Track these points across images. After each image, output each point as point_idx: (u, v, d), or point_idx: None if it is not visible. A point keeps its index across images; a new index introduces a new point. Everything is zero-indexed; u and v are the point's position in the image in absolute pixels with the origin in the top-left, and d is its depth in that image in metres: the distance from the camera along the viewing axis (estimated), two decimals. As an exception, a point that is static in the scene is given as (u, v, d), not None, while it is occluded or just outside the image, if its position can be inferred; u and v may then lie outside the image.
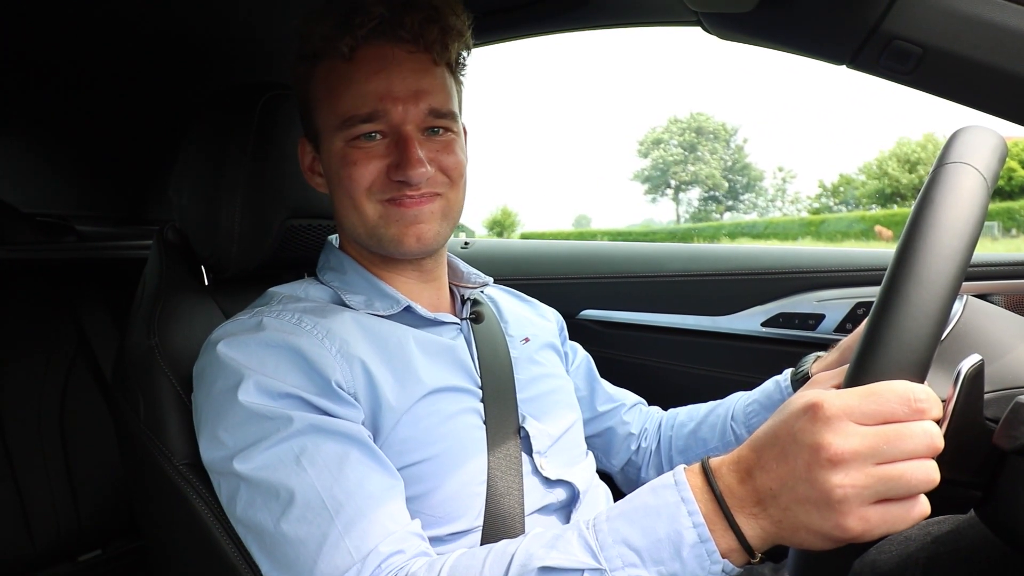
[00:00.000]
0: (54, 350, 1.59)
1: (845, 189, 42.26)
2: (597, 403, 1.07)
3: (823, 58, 0.85)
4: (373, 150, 0.79)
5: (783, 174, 47.65)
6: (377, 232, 0.81)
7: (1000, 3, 0.72)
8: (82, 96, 1.53)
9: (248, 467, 0.67)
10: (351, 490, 0.66)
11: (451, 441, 0.77)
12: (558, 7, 1.10)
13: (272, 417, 0.68)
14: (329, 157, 0.81)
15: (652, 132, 46.07)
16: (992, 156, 0.58)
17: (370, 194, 0.79)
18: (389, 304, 0.83)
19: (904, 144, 38.87)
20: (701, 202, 46.76)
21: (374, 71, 0.78)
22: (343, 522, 0.64)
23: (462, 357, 0.84)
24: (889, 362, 0.52)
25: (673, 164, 45.17)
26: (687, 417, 1.05)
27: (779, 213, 45.64)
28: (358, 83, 0.78)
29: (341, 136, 0.79)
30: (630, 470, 1.07)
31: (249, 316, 0.78)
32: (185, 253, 0.97)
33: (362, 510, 0.65)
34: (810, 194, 47.77)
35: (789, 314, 1.26)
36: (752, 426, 0.96)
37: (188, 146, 0.95)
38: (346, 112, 0.78)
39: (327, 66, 0.80)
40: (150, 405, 0.84)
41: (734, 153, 45.72)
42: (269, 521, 0.65)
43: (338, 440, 0.68)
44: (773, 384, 0.96)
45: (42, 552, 1.51)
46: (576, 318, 1.46)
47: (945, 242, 0.53)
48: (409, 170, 0.76)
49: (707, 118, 44.93)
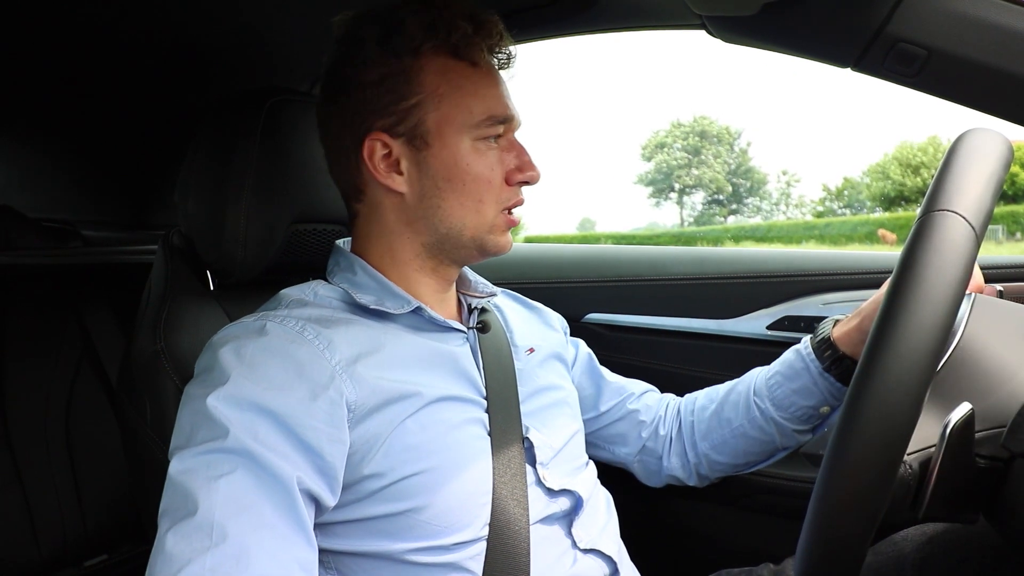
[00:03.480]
0: (60, 355, 1.59)
1: (850, 193, 42.37)
2: (604, 398, 1.07)
3: (827, 61, 0.85)
4: (498, 155, 0.83)
5: (787, 177, 47.87)
6: (484, 236, 0.83)
7: (1005, 5, 0.72)
8: (88, 102, 1.54)
9: (177, 467, 0.64)
10: (242, 531, 0.60)
11: (455, 451, 0.76)
12: (563, 11, 1.11)
13: (222, 425, 0.65)
14: (453, 155, 0.80)
15: (656, 135, 46.27)
16: (979, 201, 0.56)
17: (499, 199, 0.83)
18: (400, 304, 0.82)
19: (905, 147, 38.87)
20: (705, 205, 46.94)
21: (497, 79, 0.84)
22: (214, 558, 0.58)
23: (466, 366, 0.83)
24: (868, 441, 0.52)
25: (677, 167, 45.35)
26: (707, 399, 1.04)
27: (783, 216, 45.80)
28: (491, 87, 0.82)
29: (471, 134, 0.81)
30: (648, 459, 1.05)
31: (254, 319, 0.77)
32: (190, 258, 0.98)
33: (239, 557, 0.59)
34: (814, 197, 48.13)
35: (795, 317, 1.25)
36: (776, 398, 0.94)
37: (193, 151, 0.95)
38: (487, 111, 0.81)
39: (441, 65, 0.80)
40: (156, 410, 0.84)
41: (738, 156, 45.86)
42: (166, 523, 0.61)
43: (264, 479, 0.64)
44: (794, 353, 0.95)
45: (48, 557, 1.51)
46: (581, 322, 1.46)
47: (930, 298, 0.53)
48: (532, 171, 0.84)
49: (710, 122, 45.08)
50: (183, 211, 0.96)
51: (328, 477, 0.69)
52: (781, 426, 0.95)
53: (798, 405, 0.93)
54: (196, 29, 1.24)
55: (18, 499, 1.49)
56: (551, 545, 0.81)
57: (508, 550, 0.75)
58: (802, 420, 0.94)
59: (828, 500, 0.55)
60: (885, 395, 0.52)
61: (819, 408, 0.93)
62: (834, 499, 0.55)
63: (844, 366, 0.89)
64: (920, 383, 0.52)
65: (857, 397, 0.53)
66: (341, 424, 0.71)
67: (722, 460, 1.01)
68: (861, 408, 0.53)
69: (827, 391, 0.91)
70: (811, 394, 0.92)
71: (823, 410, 0.93)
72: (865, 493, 0.53)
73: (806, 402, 0.93)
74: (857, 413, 0.53)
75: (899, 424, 0.52)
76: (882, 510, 0.54)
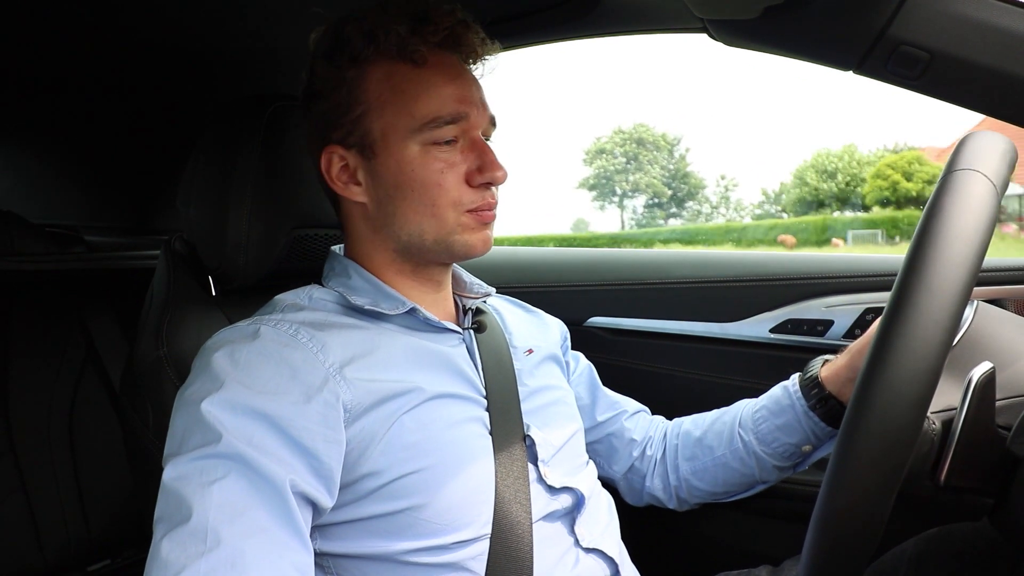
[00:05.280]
0: (63, 360, 1.60)
1: (787, 196, 43.92)
2: (599, 411, 1.07)
3: (829, 64, 0.85)
4: (453, 157, 0.79)
5: (726, 182, 49.53)
6: (449, 239, 0.81)
7: (1008, 8, 0.72)
8: (91, 107, 1.54)
9: (171, 474, 0.64)
10: (236, 536, 0.60)
11: (455, 448, 0.76)
12: (564, 15, 1.11)
13: (214, 429, 0.65)
14: (400, 162, 0.79)
15: (597, 142, 47.34)
16: (1001, 162, 0.57)
17: (456, 204, 0.80)
18: (394, 305, 0.82)
19: (822, 155, 40.56)
20: (647, 209, 47.98)
21: (449, 76, 0.80)
22: (208, 563, 0.58)
23: (462, 366, 0.83)
24: (900, 369, 0.52)
25: (615, 173, 46.47)
26: (692, 425, 1.05)
27: (723, 219, 46.92)
28: (436, 86, 0.78)
29: (418, 139, 0.78)
30: (633, 477, 1.07)
31: (248, 323, 0.77)
32: (192, 263, 0.98)
33: (234, 562, 0.58)
34: (753, 201, 49.63)
35: (798, 320, 1.25)
36: (760, 432, 0.96)
37: (196, 157, 0.96)
38: (429, 113, 0.78)
39: (387, 69, 0.79)
40: (158, 415, 0.84)
41: (677, 162, 47.05)
42: (161, 530, 0.62)
43: (257, 483, 0.63)
44: (781, 390, 0.96)
45: (52, 562, 1.51)
46: (583, 325, 1.45)
47: (955, 249, 0.53)
48: (496, 171, 0.80)
49: (647, 129, 46.61)
50: (185, 216, 0.96)
51: (324, 478, 0.69)
52: (762, 460, 0.96)
53: (781, 441, 0.95)
54: (199, 34, 1.25)
55: (22, 504, 1.49)
56: (554, 544, 0.81)
57: (511, 549, 0.75)
58: (784, 457, 0.96)
59: (834, 502, 0.55)
60: (917, 331, 0.52)
61: (801, 447, 0.94)
62: (838, 505, 0.54)
63: (829, 406, 0.90)
64: (950, 321, 0.52)
65: (886, 333, 0.53)
66: (336, 425, 0.70)
67: (701, 487, 1.02)
68: (892, 345, 0.53)
69: (811, 430, 0.92)
70: (795, 431, 0.93)
71: (805, 448, 0.94)
72: (872, 491, 0.53)
73: (789, 439, 0.94)
74: (888, 349, 0.53)
75: (930, 359, 0.51)
76: (887, 511, 0.54)
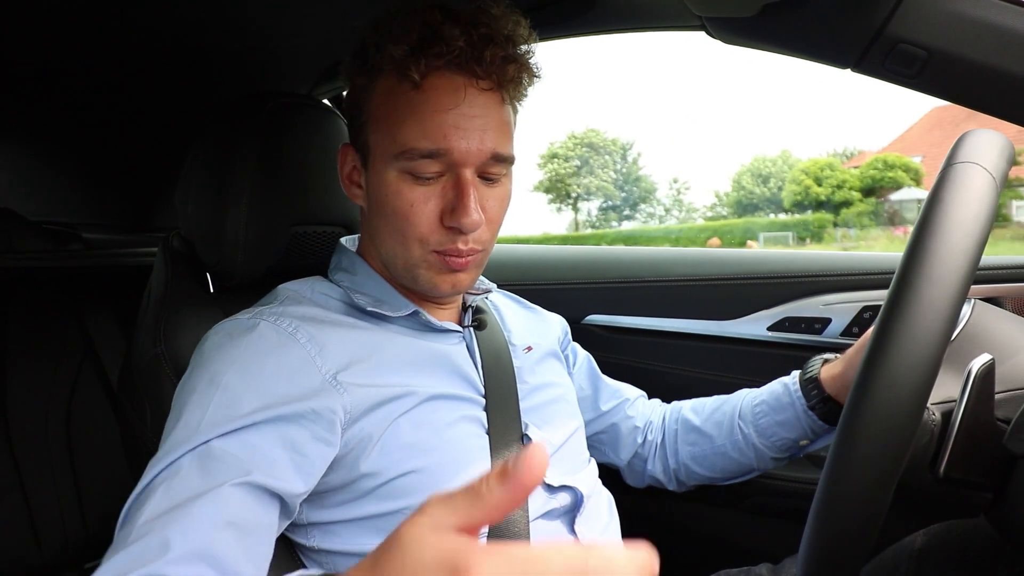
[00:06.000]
0: (61, 358, 1.59)
1: (727, 199, 45.13)
2: (602, 400, 1.08)
3: (828, 62, 0.85)
4: (429, 191, 0.75)
5: (678, 185, 50.64)
6: (415, 272, 0.79)
7: (1005, 6, 0.72)
8: (89, 105, 1.54)
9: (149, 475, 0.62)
10: (184, 512, 0.57)
11: (451, 449, 0.76)
12: (564, 13, 1.10)
13: (194, 425, 0.64)
14: (379, 184, 0.77)
15: (551, 146, 48.28)
16: (1000, 156, 0.58)
17: (423, 241, 0.76)
18: (396, 307, 0.82)
19: (759, 160, 41.66)
20: (601, 211, 48.89)
21: (443, 106, 0.72)
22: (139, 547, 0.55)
23: (462, 364, 0.83)
24: (901, 357, 0.52)
25: (568, 176, 47.33)
26: (692, 411, 1.06)
27: (675, 221, 47.93)
28: (424, 115, 0.72)
29: (396, 167, 0.75)
30: (636, 463, 1.08)
31: (249, 316, 0.77)
32: (191, 261, 0.97)
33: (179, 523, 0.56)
34: (706, 203, 50.93)
35: (795, 318, 1.25)
36: (760, 426, 0.97)
37: (194, 154, 0.95)
38: (406, 143, 0.73)
39: (389, 85, 0.75)
40: (156, 412, 0.84)
41: (629, 166, 47.92)
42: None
43: (211, 471, 0.61)
44: (781, 387, 0.97)
45: (49, 560, 1.51)
46: (582, 323, 1.46)
47: (955, 240, 0.53)
48: (463, 218, 0.73)
49: (597, 133, 47.70)
50: (183, 214, 0.96)
51: (303, 473, 0.67)
52: (760, 451, 0.98)
53: (780, 436, 0.96)
54: (198, 32, 1.24)
55: (19, 502, 1.49)
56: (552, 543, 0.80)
57: None
58: (781, 449, 0.97)
59: (831, 498, 0.55)
60: (918, 320, 0.52)
61: (799, 441, 0.96)
62: (838, 496, 0.55)
63: (828, 407, 0.91)
64: (951, 310, 0.52)
65: (887, 323, 0.54)
66: (331, 427, 0.70)
67: (700, 472, 1.03)
68: (893, 334, 0.53)
69: (809, 427, 0.94)
70: (793, 427, 0.95)
71: (802, 443, 0.96)
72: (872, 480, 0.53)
73: (788, 434, 0.95)
74: (889, 338, 0.53)
75: (931, 347, 0.52)
76: (888, 500, 0.54)
